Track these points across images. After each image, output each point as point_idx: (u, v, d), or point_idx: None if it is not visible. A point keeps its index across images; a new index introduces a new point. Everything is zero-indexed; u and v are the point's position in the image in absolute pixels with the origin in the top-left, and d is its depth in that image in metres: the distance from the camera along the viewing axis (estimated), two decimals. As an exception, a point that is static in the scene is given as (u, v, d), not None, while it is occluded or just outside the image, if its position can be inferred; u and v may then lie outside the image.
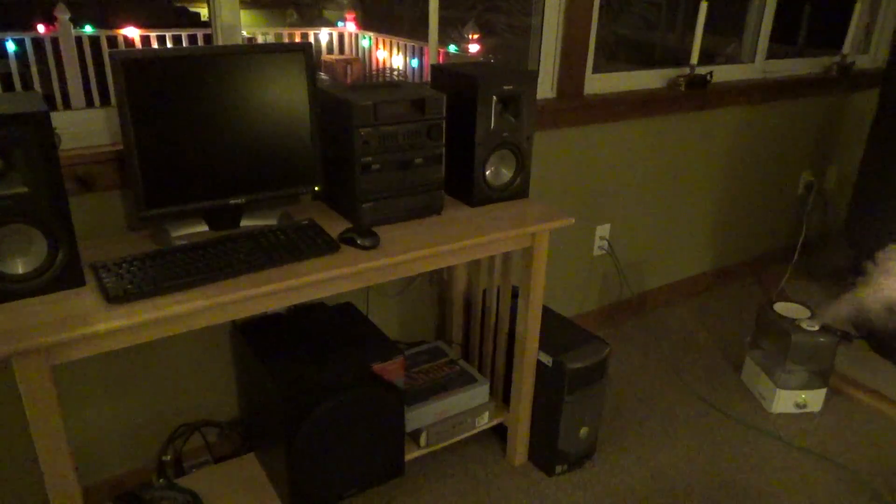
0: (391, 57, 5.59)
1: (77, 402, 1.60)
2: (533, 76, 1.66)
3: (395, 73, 5.52)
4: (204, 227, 1.48)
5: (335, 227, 1.52)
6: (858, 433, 2.12)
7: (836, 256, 3.16)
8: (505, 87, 1.62)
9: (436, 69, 1.73)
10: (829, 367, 2.16)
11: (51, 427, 1.14)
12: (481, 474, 1.89)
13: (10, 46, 4.28)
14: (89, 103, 4.21)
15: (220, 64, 1.35)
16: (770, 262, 3.19)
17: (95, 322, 1.12)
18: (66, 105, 3.91)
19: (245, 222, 1.51)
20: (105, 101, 4.49)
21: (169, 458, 1.72)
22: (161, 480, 1.62)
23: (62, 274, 1.19)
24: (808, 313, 2.21)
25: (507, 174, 1.72)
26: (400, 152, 1.53)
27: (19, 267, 1.16)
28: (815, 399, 2.19)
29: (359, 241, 1.42)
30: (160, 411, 1.73)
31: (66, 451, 1.17)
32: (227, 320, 1.27)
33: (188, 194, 1.39)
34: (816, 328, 2.12)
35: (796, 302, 2.28)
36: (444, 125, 1.56)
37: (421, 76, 5.16)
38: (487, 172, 1.69)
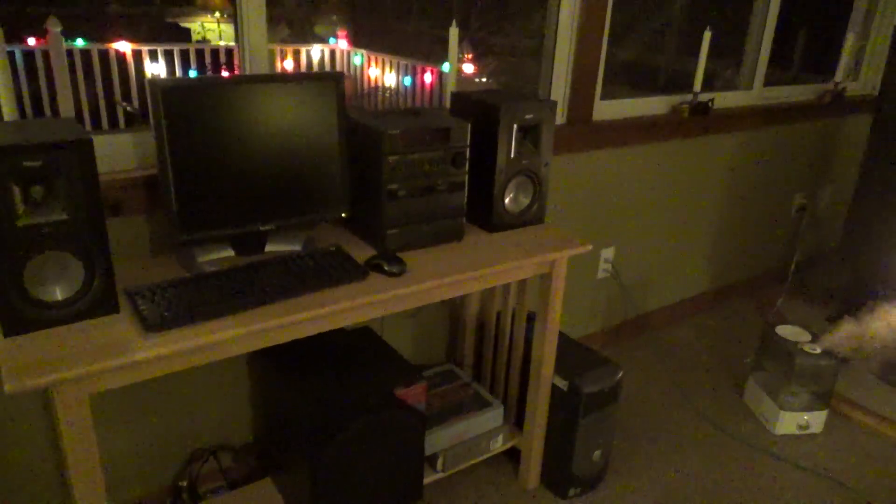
0: (383, 75, 5.62)
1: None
2: (553, 105, 1.69)
3: (388, 91, 5.55)
4: (230, 252, 1.48)
5: (359, 252, 1.53)
6: (860, 453, 2.16)
7: (829, 277, 3.23)
8: (526, 116, 1.65)
9: (456, 96, 1.76)
10: (830, 388, 2.21)
11: (87, 454, 1.14)
12: (495, 497, 1.90)
13: (0, 59, 4.25)
14: (78, 118, 4.18)
15: (253, 91, 1.36)
16: (766, 282, 3.26)
17: (135, 350, 1.12)
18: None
19: (270, 247, 1.52)
20: (95, 117, 4.45)
21: (185, 483, 1.71)
22: (180, 506, 1.61)
23: (98, 301, 1.19)
24: (808, 336, 2.26)
25: (524, 201, 1.75)
26: (424, 179, 1.55)
27: (57, 294, 1.16)
28: (817, 420, 2.23)
29: (386, 268, 1.44)
30: (174, 435, 1.72)
31: (100, 478, 1.16)
32: (262, 346, 1.28)
33: (220, 219, 1.40)
34: (819, 351, 2.17)
35: (796, 325, 2.33)
36: (468, 153, 1.58)
37: (414, 95, 5.20)
38: (506, 199, 1.71)
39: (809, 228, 3.32)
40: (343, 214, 1.55)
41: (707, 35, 2.43)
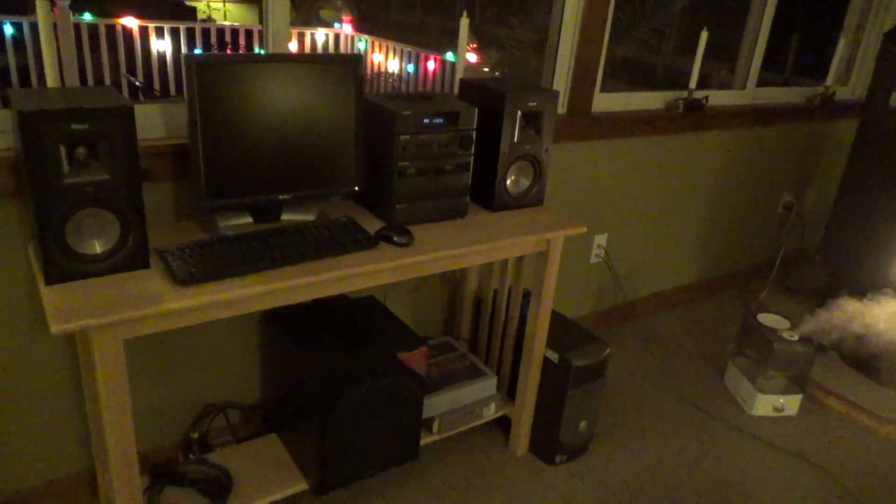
0: (387, 61, 5.70)
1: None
2: (555, 95, 1.80)
3: (391, 77, 5.64)
4: (248, 219, 1.58)
5: (369, 224, 1.63)
6: (831, 435, 2.29)
7: (811, 273, 3.36)
8: (529, 104, 1.76)
9: (464, 83, 1.86)
10: (805, 374, 2.34)
11: (120, 396, 1.24)
12: (486, 462, 2.02)
13: (8, 30, 4.31)
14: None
15: (278, 70, 1.46)
16: (751, 276, 3.38)
17: (167, 301, 1.22)
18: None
19: (286, 216, 1.62)
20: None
21: (196, 435, 1.82)
22: (192, 455, 1.72)
23: (132, 256, 1.30)
24: (787, 324, 2.39)
25: (525, 183, 1.86)
26: (433, 159, 1.66)
27: (96, 247, 1.26)
28: (792, 404, 2.36)
29: (395, 239, 1.55)
30: (188, 391, 1.83)
31: (130, 420, 1.27)
32: (278, 305, 1.38)
33: (241, 188, 1.50)
34: (796, 338, 2.29)
35: (777, 314, 2.45)
36: (474, 136, 1.69)
37: (416, 81, 5.29)
38: (508, 181, 1.82)
39: (794, 227, 3.44)
40: (356, 188, 1.66)
41: (704, 35, 2.54)
